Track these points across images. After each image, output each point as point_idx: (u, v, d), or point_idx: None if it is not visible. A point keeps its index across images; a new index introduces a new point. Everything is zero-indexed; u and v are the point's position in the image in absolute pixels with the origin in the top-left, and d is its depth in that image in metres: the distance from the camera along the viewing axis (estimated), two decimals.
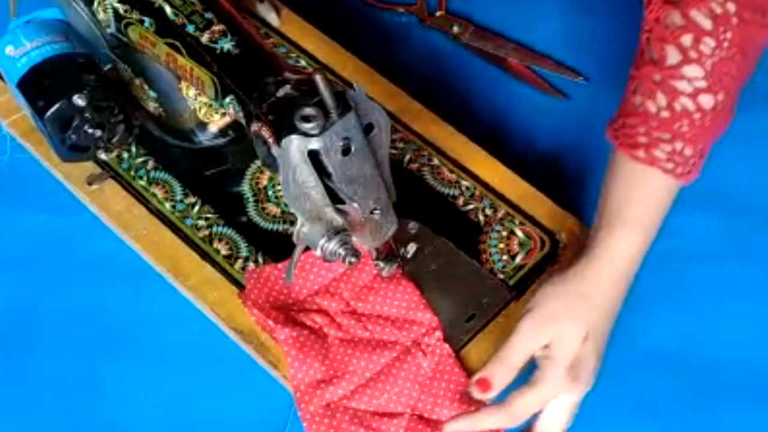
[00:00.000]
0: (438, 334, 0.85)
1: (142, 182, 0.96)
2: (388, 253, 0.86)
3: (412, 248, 0.88)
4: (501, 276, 0.89)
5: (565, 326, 0.77)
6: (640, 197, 0.79)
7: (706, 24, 0.74)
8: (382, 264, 0.85)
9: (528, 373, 0.79)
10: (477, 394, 0.79)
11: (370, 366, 0.84)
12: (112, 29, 0.85)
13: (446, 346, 0.85)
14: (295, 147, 0.71)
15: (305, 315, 0.86)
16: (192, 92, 0.91)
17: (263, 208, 0.94)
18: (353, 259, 0.77)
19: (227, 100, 0.77)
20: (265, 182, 0.95)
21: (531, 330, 0.78)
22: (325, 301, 0.87)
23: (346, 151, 0.72)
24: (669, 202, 0.80)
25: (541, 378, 0.77)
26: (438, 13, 1.14)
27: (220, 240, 0.92)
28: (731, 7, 0.74)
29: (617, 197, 0.79)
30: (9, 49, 0.92)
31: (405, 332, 0.85)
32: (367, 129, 0.73)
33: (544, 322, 0.78)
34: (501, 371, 0.78)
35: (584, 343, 0.77)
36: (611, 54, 1.10)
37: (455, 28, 1.13)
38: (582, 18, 1.14)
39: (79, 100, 0.88)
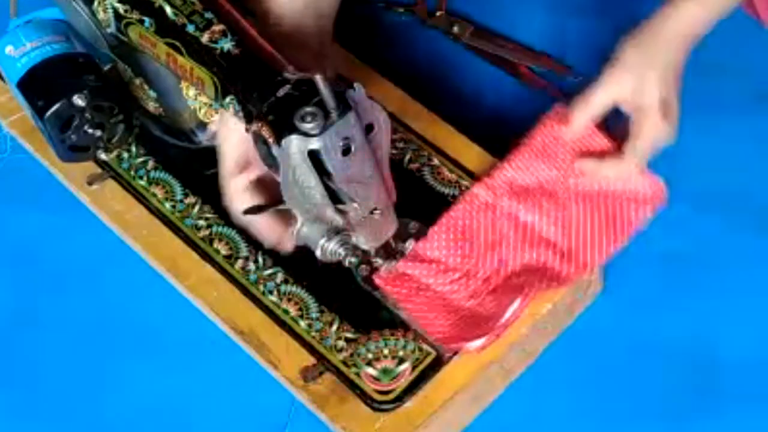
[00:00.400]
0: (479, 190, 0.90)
1: (142, 182, 0.96)
2: (386, 251, 0.86)
3: (410, 245, 0.87)
4: None
5: (644, 74, 0.84)
6: None
7: None
8: (380, 261, 0.85)
9: None
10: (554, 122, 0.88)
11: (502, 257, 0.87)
12: (112, 29, 0.85)
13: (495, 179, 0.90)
14: (295, 147, 0.70)
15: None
16: (192, 92, 0.91)
17: None
18: (353, 259, 0.77)
19: (227, 100, 0.77)
20: None
21: (612, 79, 0.85)
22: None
23: (346, 151, 0.72)
24: None
25: (640, 126, 0.84)
26: (438, 13, 1.14)
27: (220, 240, 0.92)
28: None
29: None
30: (9, 49, 0.92)
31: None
32: (367, 129, 0.73)
33: (622, 73, 0.85)
34: (581, 109, 0.87)
35: (665, 86, 0.83)
36: (611, 54, 1.11)
37: (455, 28, 1.13)
38: (582, 18, 1.13)
39: (79, 100, 0.89)
